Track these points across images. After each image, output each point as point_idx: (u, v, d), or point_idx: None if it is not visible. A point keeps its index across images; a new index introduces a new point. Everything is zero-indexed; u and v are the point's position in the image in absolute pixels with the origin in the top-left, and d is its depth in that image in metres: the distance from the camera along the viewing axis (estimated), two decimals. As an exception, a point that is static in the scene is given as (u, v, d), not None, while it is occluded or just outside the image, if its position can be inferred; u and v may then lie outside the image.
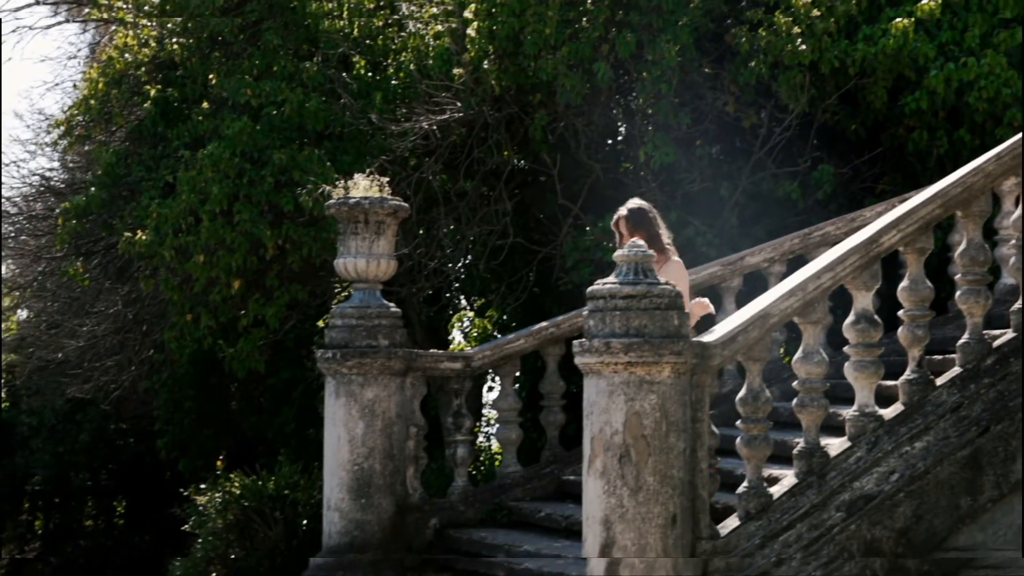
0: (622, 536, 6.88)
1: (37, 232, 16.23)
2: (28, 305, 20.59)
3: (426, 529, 10.04)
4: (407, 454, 9.99)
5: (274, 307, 12.04)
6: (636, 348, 6.92)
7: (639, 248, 7.21)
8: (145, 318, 15.81)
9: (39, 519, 28.14)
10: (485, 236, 12.81)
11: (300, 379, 15.73)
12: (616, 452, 6.94)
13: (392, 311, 10.13)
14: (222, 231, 11.68)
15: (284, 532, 11.15)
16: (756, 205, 12.39)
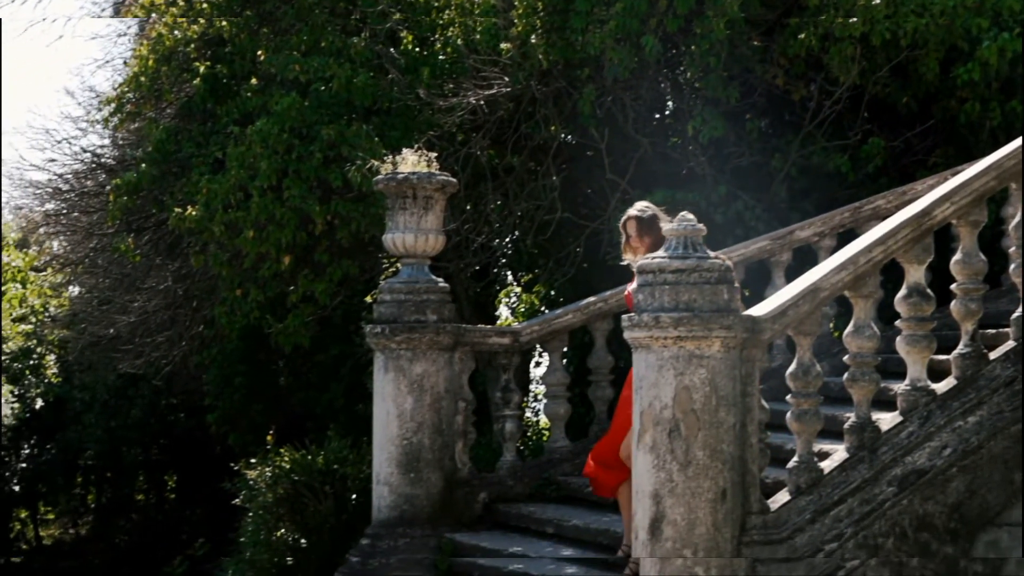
0: (672, 510, 6.87)
1: (89, 209, 16.36)
2: (80, 281, 20.79)
3: (475, 503, 10.07)
4: (456, 429, 10.03)
5: (324, 283, 12.09)
6: (686, 322, 6.89)
7: (689, 222, 7.17)
8: (195, 294, 15.93)
9: (92, 493, 28.48)
10: (533, 211, 12.79)
11: (349, 355, 15.81)
12: (666, 426, 6.92)
13: (440, 286, 10.15)
14: (271, 207, 11.73)
15: (334, 506, 11.19)
16: (806, 179, 12.29)
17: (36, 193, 17.07)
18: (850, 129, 11.96)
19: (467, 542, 9.51)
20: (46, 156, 17.06)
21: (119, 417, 24.07)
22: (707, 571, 6.83)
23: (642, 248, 8.10)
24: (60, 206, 16.93)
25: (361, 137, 11.74)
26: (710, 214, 11.63)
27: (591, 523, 8.95)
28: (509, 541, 9.31)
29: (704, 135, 11.84)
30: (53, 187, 16.70)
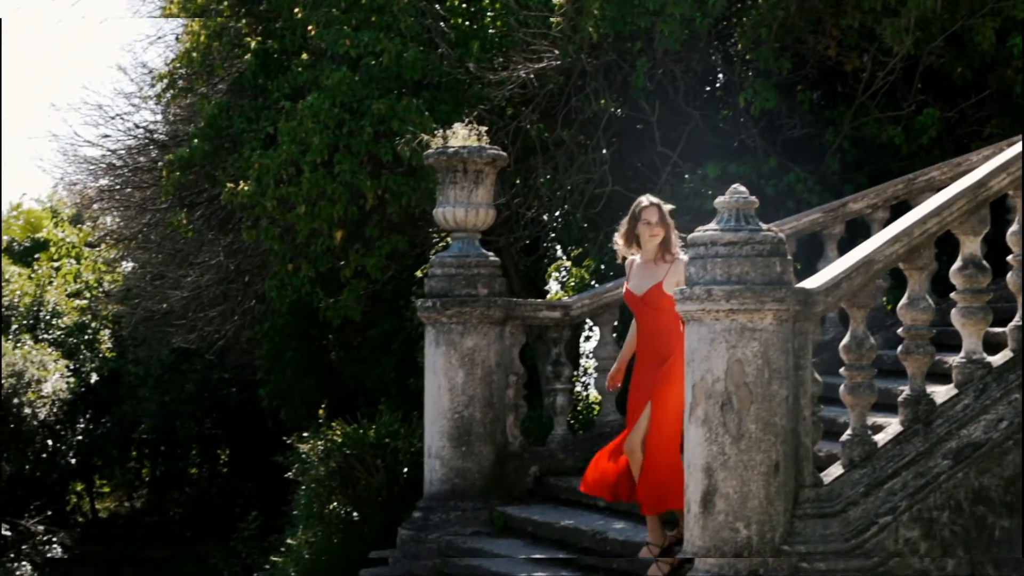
0: (724, 483, 6.86)
1: (142, 184, 16.50)
2: (133, 257, 20.96)
3: (526, 477, 10.11)
4: (507, 402, 10.06)
5: (375, 257, 12.13)
6: (738, 295, 6.87)
7: (741, 194, 7.13)
8: (247, 269, 16.04)
9: (146, 467, 28.80)
10: (583, 185, 12.76)
11: (399, 329, 15.87)
12: (718, 400, 6.91)
13: (491, 260, 10.16)
14: (323, 182, 11.77)
15: (386, 479, 11.26)
16: (858, 151, 12.19)
17: (90, 169, 17.22)
18: (904, 100, 11.83)
19: (518, 515, 9.55)
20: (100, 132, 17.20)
21: (173, 391, 24.31)
22: (760, 544, 6.82)
23: (656, 239, 8.00)
24: (114, 182, 17.08)
25: (411, 111, 11.75)
26: (761, 187, 11.56)
27: (642, 496, 8.94)
28: (560, 514, 9.34)
29: (755, 107, 11.76)
30: (107, 163, 16.84)
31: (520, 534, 9.41)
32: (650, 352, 7.96)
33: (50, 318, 24.77)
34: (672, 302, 7.50)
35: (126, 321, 21.94)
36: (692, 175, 12.23)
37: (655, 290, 7.92)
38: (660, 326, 7.89)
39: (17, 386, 21.38)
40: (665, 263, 7.94)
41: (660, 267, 7.96)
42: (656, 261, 7.99)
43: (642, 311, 8.04)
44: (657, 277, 7.94)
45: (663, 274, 7.92)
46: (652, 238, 7.98)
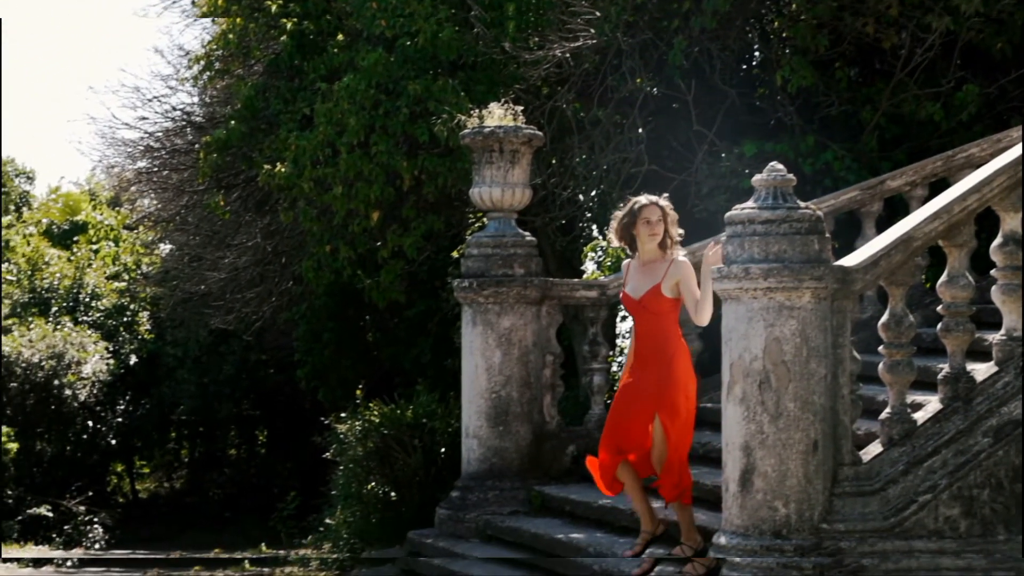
0: (762, 462, 6.85)
1: (179, 166, 16.59)
2: (171, 238, 21.12)
3: (563, 456, 10.12)
4: (544, 382, 10.07)
5: (411, 237, 12.16)
6: (776, 273, 6.85)
7: (778, 172, 7.10)
8: (284, 250, 16.12)
9: (185, 448, 29.04)
10: (618, 164, 12.73)
11: (436, 310, 15.92)
12: (756, 378, 6.89)
13: (527, 240, 10.17)
14: (359, 163, 11.80)
15: (423, 460, 11.30)
16: (897, 128, 12.09)
17: (128, 152, 17.34)
18: (943, 76, 11.72)
19: (556, 494, 9.56)
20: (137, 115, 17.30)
21: (211, 373, 24.48)
22: (799, 522, 6.81)
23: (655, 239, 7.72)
24: (151, 164, 17.19)
25: (447, 92, 11.75)
26: (799, 165, 11.50)
27: (680, 475, 8.93)
28: (598, 494, 9.30)
29: (792, 85, 11.69)
30: (144, 145, 16.95)
31: (558, 513, 9.43)
32: (648, 356, 7.74)
33: (89, 300, 24.99)
34: (670, 305, 7.55)
35: (164, 303, 22.11)
36: (728, 154, 12.17)
37: (653, 293, 7.67)
38: (658, 329, 7.69)
39: (57, 368, 21.59)
40: (663, 264, 7.68)
41: (658, 268, 7.69)
42: (655, 262, 7.72)
43: (640, 314, 7.78)
44: (655, 279, 7.68)
45: (661, 275, 7.66)
46: (652, 237, 7.71)
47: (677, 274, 7.58)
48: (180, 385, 24.73)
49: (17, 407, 20.91)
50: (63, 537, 19.10)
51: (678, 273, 7.58)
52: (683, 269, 7.60)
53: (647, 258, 7.74)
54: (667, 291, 7.59)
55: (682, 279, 7.57)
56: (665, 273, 7.62)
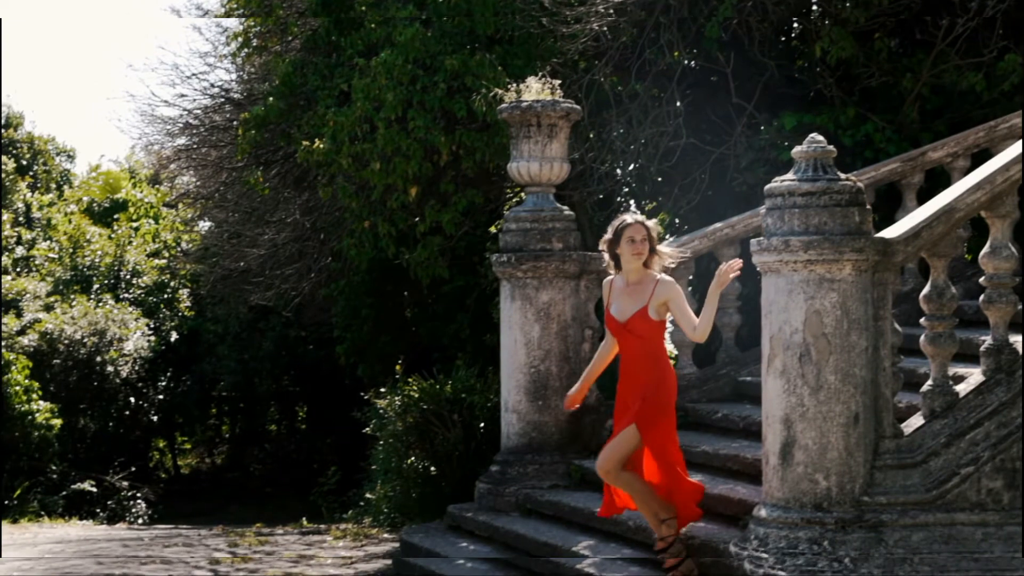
0: (803, 435, 6.83)
1: (218, 143, 16.65)
2: (211, 216, 21.22)
3: (602, 430, 10.11)
4: (582, 356, 10.07)
5: (450, 213, 12.15)
6: (816, 246, 6.81)
7: (819, 143, 7.05)
8: (322, 226, 16.16)
9: (226, 424, 29.25)
10: (656, 138, 12.68)
11: (474, 286, 15.92)
12: (796, 351, 6.86)
13: (566, 214, 10.16)
14: (397, 138, 11.79)
15: (462, 434, 11.35)
16: (938, 99, 11.98)
17: (167, 129, 17.42)
18: (985, 46, 11.59)
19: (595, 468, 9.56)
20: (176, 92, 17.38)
21: (251, 349, 24.63)
22: (839, 495, 6.79)
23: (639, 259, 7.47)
24: (190, 141, 17.26)
25: (484, 67, 11.72)
26: (838, 137, 11.42)
27: (720, 448, 8.93)
28: (637, 467, 9.34)
29: (832, 56, 11.60)
30: (183, 122, 17.02)
31: (597, 487, 9.39)
32: (633, 380, 7.54)
33: (130, 277, 25.19)
34: (657, 327, 7.34)
35: (204, 280, 22.24)
36: (768, 126, 12.10)
37: (639, 316, 7.44)
38: (645, 354, 7.47)
39: (100, 344, 21.78)
40: (648, 284, 7.44)
41: (644, 289, 7.46)
42: (640, 282, 7.48)
43: (624, 338, 7.55)
44: (641, 301, 7.45)
45: (647, 297, 7.43)
46: (636, 256, 7.45)
47: (664, 295, 7.37)
48: (220, 361, 24.89)
49: (60, 384, 21.13)
50: (107, 512, 19.30)
51: (665, 294, 7.37)
52: (671, 289, 7.39)
53: (632, 278, 7.49)
54: (653, 313, 7.38)
55: (672, 299, 7.36)
56: (651, 294, 7.41)
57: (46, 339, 21.13)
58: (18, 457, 18.17)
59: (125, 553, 10.85)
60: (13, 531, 13.80)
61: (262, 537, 11.95)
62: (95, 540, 12.29)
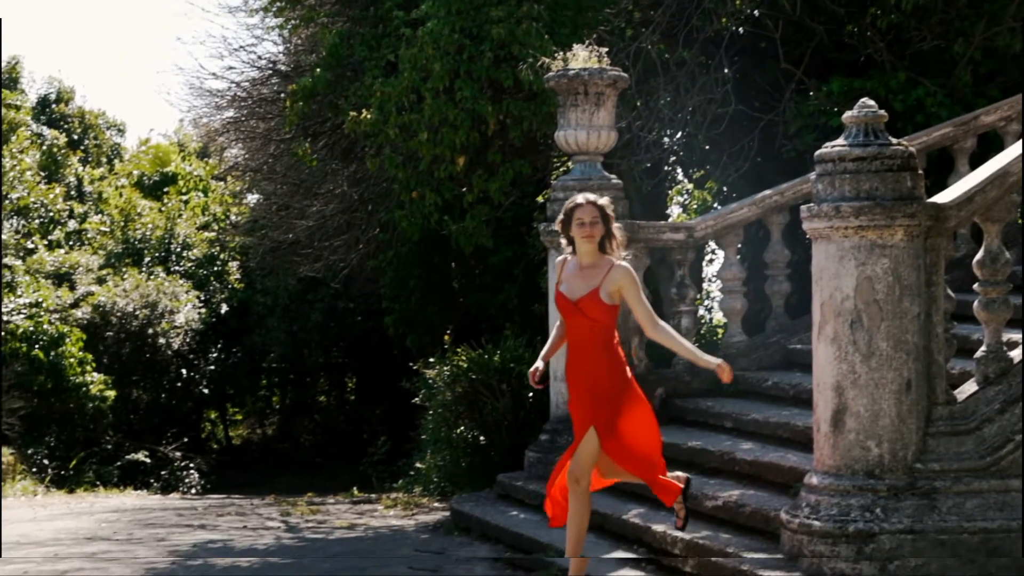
0: (854, 402, 6.79)
1: (267, 116, 16.70)
2: (259, 188, 21.32)
3: (652, 399, 10.06)
4: (631, 325, 10.05)
5: (497, 182, 12.14)
6: (867, 212, 6.75)
7: (869, 108, 6.98)
8: (370, 198, 16.19)
9: (276, 395, 29.45)
10: (704, 105, 12.59)
11: (521, 256, 15.91)
12: (847, 318, 6.82)
13: (613, 183, 10.13)
14: (444, 108, 11.78)
15: (511, 403, 11.37)
16: (991, 62, 11.81)
17: (216, 102, 17.49)
18: (1039, 8, 11.43)
19: (644, 436, 9.56)
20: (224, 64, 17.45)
21: (300, 321, 24.76)
22: (892, 462, 6.75)
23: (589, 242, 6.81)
24: (238, 114, 17.32)
25: (531, 36, 11.68)
26: (889, 102, 11.30)
27: (770, 416, 8.91)
28: (687, 435, 9.34)
29: (882, 21, 11.46)
30: (231, 95, 17.08)
31: (646, 455, 9.42)
32: (579, 368, 6.86)
33: (180, 250, 25.39)
34: (608, 312, 6.73)
35: (253, 252, 22.37)
36: (817, 92, 11.99)
37: (590, 297, 6.75)
38: (592, 338, 6.79)
39: (151, 316, 21.99)
40: (603, 267, 6.78)
41: (598, 272, 6.78)
42: (594, 265, 6.81)
43: (574, 317, 6.82)
44: (594, 283, 6.76)
45: (599, 280, 6.75)
46: (585, 240, 6.80)
47: (619, 280, 6.72)
48: (270, 333, 25.05)
49: (113, 356, 21.36)
50: (160, 482, 19.54)
51: (619, 279, 6.73)
52: (626, 276, 6.76)
53: (585, 260, 6.84)
54: (605, 297, 6.73)
55: (624, 287, 6.73)
56: (605, 277, 6.74)
57: (99, 312, 21.36)
58: (73, 428, 18.42)
59: (179, 522, 10.98)
60: (70, 500, 14.00)
61: (314, 506, 12.07)
62: (150, 509, 12.45)
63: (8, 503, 13.22)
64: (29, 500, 13.85)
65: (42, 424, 17.73)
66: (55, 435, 17.83)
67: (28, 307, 18.21)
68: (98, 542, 9.64)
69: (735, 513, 7.72)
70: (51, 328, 18.28)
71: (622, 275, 6.73)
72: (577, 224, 6.82)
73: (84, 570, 8.62)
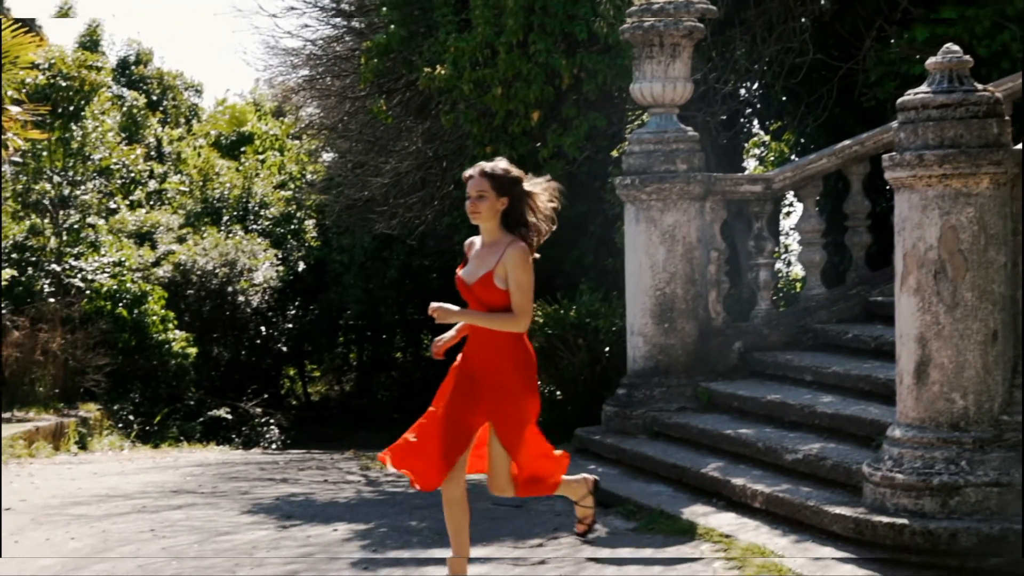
0: (938, 354, 6.69)
1: (342, 73, 16.75)
2: (335, 146, 21.42)
3: (730, 353, 10.07)
4: (708, 279, 10.00)
5: (572, 137, 12.09)
6: (951, 160, 6.62)
7: (954, 54, 6.83)
8: (445, 154, 16.21)
9: (353, 352, 29.67)
10: (782, 55, 12.41)
11: (596, 211, 15.84)
12: (931, 268, 6.71)
13: (690, 135, 10.05)
14: (518, 63, 11.75)
15: (587, 358, 11.38)
16: (1080, 6, 11.49)
17: (291, 61, 17.57)
18: None
19: (723, 390, 9.55)
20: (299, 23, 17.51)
21: (376, 278, 24.89)
22: (977, 414, 6.65)
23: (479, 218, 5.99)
24: (313, 72, 17.39)
25: (605, -14, 11.59)
26: (973, 48, 11.03)
27: (851, 370, 8.82)
28: (766, 389, 9.29)
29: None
30: (306, 53, 17.14)
31: (725, 409, 9.41)
32: (474, 357, 6.15)
33: (258, 209, 25.62)
34: (505, 299, 5.94)
35: (329, 210, 22.51)
36: (898, 39, 11.76)
37: (483, 282, 5.99)
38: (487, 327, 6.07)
39: (231, 275, 22.24)
40: (501, 247, 5.97)
41: (495, 252, 6.00)
42: (495, 244, 6.01)
43: (472, 304, 6.09)
44: (488, 266, 5.99)
45: (494, 262, 5.96)
46: (472, 215, 6.02)
47: (509, 261, 5.92)
48: (347, 291, 25.22)
49: (194, 314, 21.64)
50: (241, 438, 19.82)
51: (510, 261, 5.92)
52: (513, 257, 5.93)
53: (487, 239, 6.06)
54: (499, 281, 5.95)
55: (510, 269, 5.91)
56: (499, 259, 5.95)
57: (180, 270, 21.64)
58: (157, 385, 18.70)
59: (262, 476, 11.14)
60: (155, 455, 14.26)
61: (393, 461, 12.12)
62: (233, 463, 12.64)
63: (96, 457, 13.50)
64: (116, 455, 14.13)
65: (127, 381, 18.04)
66: (140, 391, 18.14)
67: (112, 266, 18.50)
68: (184, 495, 9.81)
69: (816, 467, 7.67)
70: (134, 287, 18.55)
71: (510, 257, 5.91)
72: (467, 198, 6.03)
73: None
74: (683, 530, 7.44)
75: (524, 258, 5.93)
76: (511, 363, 6.05)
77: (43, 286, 17.32)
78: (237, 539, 7.85)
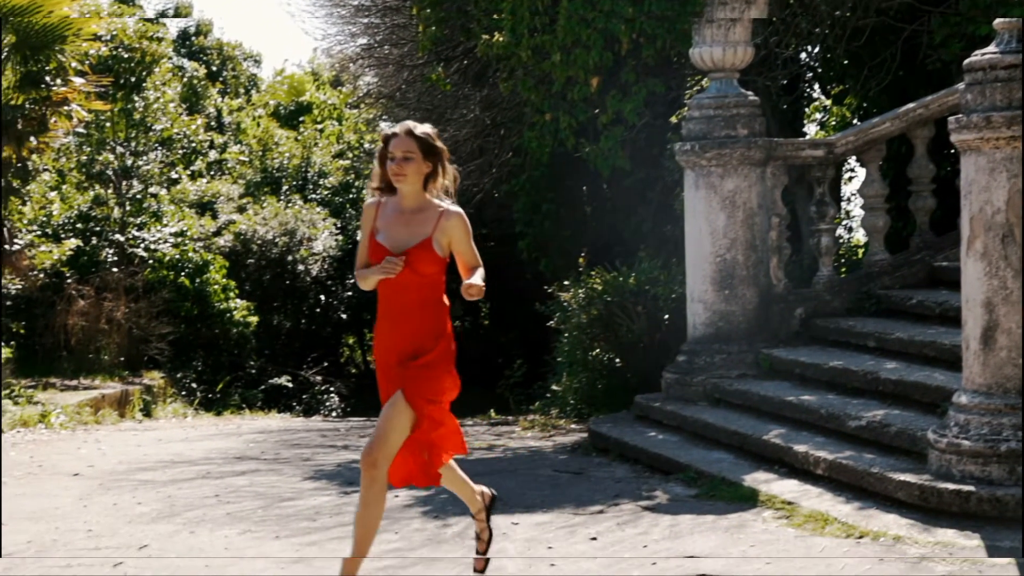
0: (1006, 319, 6.60)
1: (399, 42, 16.75)
2: (392, 115, 21.44)
3: (791, 319, 10.00)
4: (769, 245, 9.92)
5: (631, 103, 11.99)
6: (1020, 121, 6.51)
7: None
8: (503, 122, 16.18)
9: (467, 320, 29.78)
10: (843, 18, 12.24)
11: (656, 178, 15.76)
12: (998, 232, 6.61)
13: (750, 99, 9.95)
14: (577, 29, 11.66)
15: (647, 325, 11.33)
16: None
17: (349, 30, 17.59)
18: None
19: (784, 357, 9.48)
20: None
21: (434, 247, 24.95)
22: (1044, 380, 6.57)
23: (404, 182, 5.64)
24: (371, 41, 17.40)
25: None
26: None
27: (915, 335, 8.73)
28: (828, 355, 9.21)
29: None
30: (365, 22, 17.16)
31: (787, 376, 9.35)
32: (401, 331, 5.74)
33: (317, 178, 25.76)
34: (440, 267, 5.67)
35: (388, 180, 22.53)
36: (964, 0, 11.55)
37: (422, 248, 5.62)
38: (419, 297, 5.71)
39: (290, 244, 22.40)
40: (432, 212, 5.66)
41: (425, 219, 5.65)
42: (421, 210, 5.68)
43: (401, 274, 5.63)
44: (423, 232, 5.64)
45: (430, 229, 5.63)
46: (396, 179, 5.65)
47: (452, 229, 5.63)
48: (406, 259, 25.31)
49: (255, 283, 21.84)
50: (302, 406, 20.00)
51: (453, 228, 5.63)
52: (460, 224, 5.66)
53: (408, 204, 5.69)
54: (438, 248, 5.63)
55: (458, 238, 5.64)
56: (436, 225, 5.63)
57: (240, 239, 21.82)
58: (219, 353, 18.92)
59: (323, 443, 11.24)
60: (218, 422, 14.43)
61: (453, 428, 12.19)
62: (294, 430, 12.76)
63: (160, 424, 13.69)
64: (180, 422, 14.32)
65: (189, 349, 18.26)
66: (202, 360, 18.36)
67: (174, 236, 18.69)
68: (247, 461, 9.92)
69: (879, 433, 7.61)
70: (196, 256, 18.74)
71: (456, 224, 5.65)
72: (389, 159, 5.67)
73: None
74: (745, 497, 7.42)
75: (467, 223, 5.71)
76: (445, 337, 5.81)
77: (107, 256, 17.55)
78: (300, 504, 7.93)
